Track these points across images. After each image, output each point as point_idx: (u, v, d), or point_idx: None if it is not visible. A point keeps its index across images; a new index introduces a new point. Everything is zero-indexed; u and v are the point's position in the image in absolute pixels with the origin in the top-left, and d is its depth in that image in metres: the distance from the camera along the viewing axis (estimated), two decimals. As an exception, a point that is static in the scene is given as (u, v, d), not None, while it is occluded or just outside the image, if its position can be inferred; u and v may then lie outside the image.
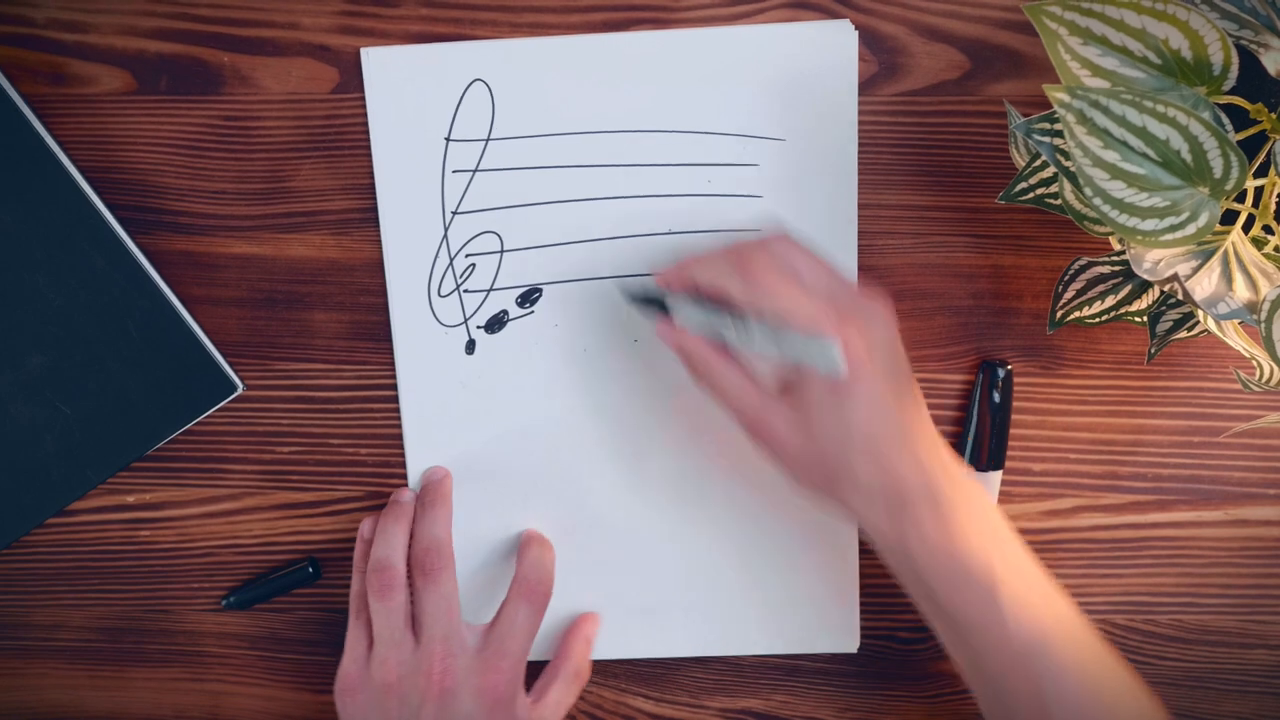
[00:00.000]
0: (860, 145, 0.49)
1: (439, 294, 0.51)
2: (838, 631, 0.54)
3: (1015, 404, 0.51)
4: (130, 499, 0.54)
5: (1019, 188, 0.44)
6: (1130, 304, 0.45)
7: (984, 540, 0.43)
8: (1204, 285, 0.38)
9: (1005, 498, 0.52)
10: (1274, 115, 0.38)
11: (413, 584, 0.48)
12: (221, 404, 0.52)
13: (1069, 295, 0.46)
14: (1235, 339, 0.41)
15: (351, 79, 0.49)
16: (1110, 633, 0.54)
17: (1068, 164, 0.38)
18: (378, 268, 0.51)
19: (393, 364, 0.52)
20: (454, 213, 0.50)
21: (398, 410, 0.52)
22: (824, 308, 0.42)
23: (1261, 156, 0.38)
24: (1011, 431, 0.51)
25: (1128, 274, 0.45)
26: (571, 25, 0.49)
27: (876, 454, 0.42)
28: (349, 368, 0.52)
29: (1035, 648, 0.42)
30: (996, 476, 0.51)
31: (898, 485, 0.42)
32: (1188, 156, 0.36)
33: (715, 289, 0.44)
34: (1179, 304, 0.44)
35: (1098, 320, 0.46)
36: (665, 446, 0.52)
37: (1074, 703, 0.42)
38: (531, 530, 0.52)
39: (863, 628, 0.54)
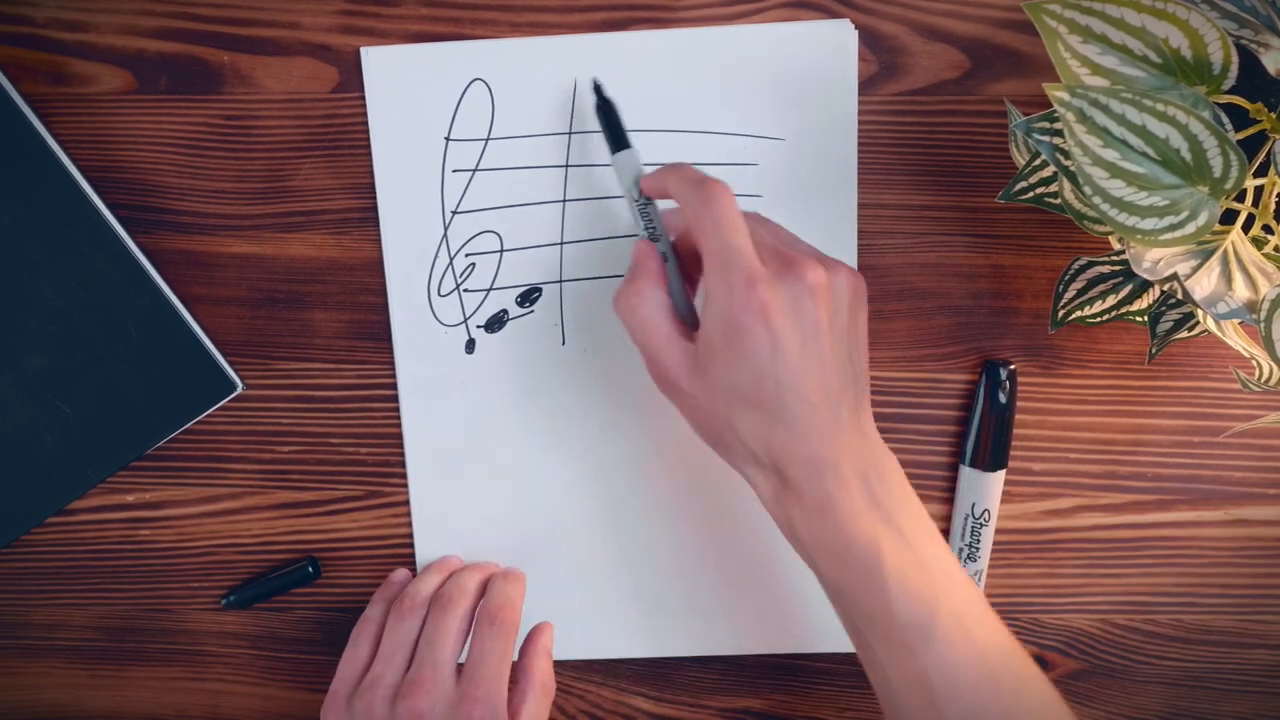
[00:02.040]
0: (860, 145, 0.49)
1: (439, 293, 0.51)
2: (838, 631, 0.53)
3: (1016, 404, 0.51)
4: (130, 498, 0.54)
5: (1019, 187, 0.44)
6: (1131, 304, 0.45)
7: (872, 516, 0.39)
8: (1203, 285, 0.38)
9: (1005, 497, 0.52)
10: (1274, 115, 0.38)
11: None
12: (221, 403, 0.52)
13: (1070, 295, 0.46)
14: (1235, 339, 0.41)
15: (351, 78, 0.49)
16: (1110, 632, 0.54)
17: (1067, 163, 0.38)
18: (378, 267, 0.51)
19: (393, 363, 0.52)
20: (454, 212, 0.50)
21: (398, 410, 0.52)
22: (772, 253, 0.39)
23: (1261, 156, 0.38)
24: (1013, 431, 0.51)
25: (1128, 274, 0.45)
26: (571, 25, 0.49)
27: (762, 407, 0.38)
28: (349, 367, 0.52)
29: (920, 629, 0.38)
30: (999, 476, 0.51)
31: (780, 449, 0.39)
32: (1187, 155, 0.36)
33: (669, 194, 0.43)
34: (1179, 304, 0.44)
35: (1099, 320, 0.46)
36: (665, 445, 0.52)
37: (965, 693, 0.38)
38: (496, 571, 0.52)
39: (863, 628, 0.54)
